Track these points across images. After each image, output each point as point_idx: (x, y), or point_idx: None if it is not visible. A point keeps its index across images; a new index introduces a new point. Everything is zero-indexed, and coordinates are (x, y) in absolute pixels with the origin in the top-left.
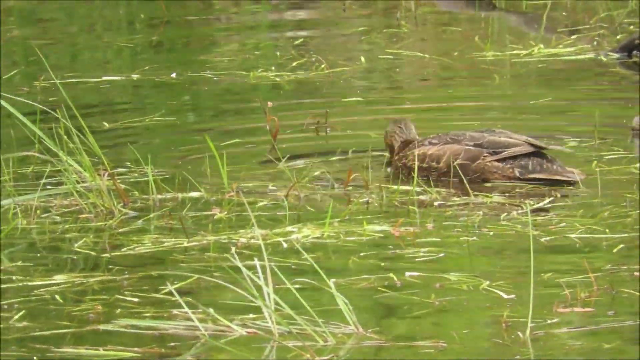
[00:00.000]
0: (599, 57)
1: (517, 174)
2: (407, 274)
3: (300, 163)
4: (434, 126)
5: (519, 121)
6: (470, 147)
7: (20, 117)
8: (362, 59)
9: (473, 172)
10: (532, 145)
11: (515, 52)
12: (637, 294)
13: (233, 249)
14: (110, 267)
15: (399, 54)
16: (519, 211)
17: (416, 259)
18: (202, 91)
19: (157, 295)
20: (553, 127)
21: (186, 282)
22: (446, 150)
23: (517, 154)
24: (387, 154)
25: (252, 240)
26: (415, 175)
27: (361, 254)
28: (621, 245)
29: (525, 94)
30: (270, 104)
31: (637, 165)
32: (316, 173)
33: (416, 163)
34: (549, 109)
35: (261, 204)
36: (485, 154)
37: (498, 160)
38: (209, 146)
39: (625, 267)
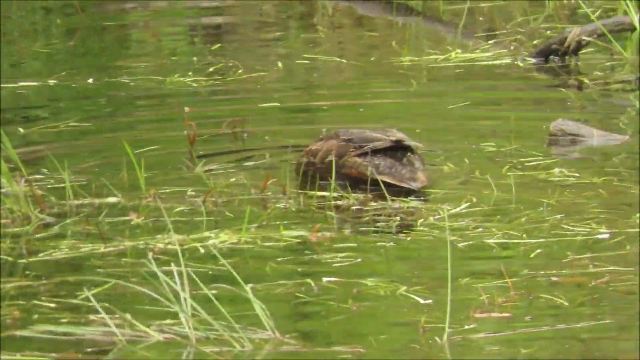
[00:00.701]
0: (516, 62)
1: (369, 173)
2: (325, 279)
3: (218, 168)
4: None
5: (437, 125)
6: (343, 143)
7: None
8: (279, 64)
9: (339, 167)
10: (396, 141)
11: (432, 57)
12: (554, 298)
13: (150, 255)
14: (27, 272)
15: (316, 59)
16: (436, 216)
17: (333, 264)
18: (119, 96)
19: (74, 301)
20: (471, 131)
21: (103, 288)
22: (324, 146)
23: (378, 148)
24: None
25: (169, 246)
26: (300, 173)
27: (278, 260)
28: (538, 250)
29: (443, 98)
30: (187, 109)
31: (555, 170)
32: (233, 179)
33: (305, 159)
34: (466, 113)
35: (178, 209)
36: (352, 150)
37: (359, 156)
38: (126, 152)
39: (542, 272)
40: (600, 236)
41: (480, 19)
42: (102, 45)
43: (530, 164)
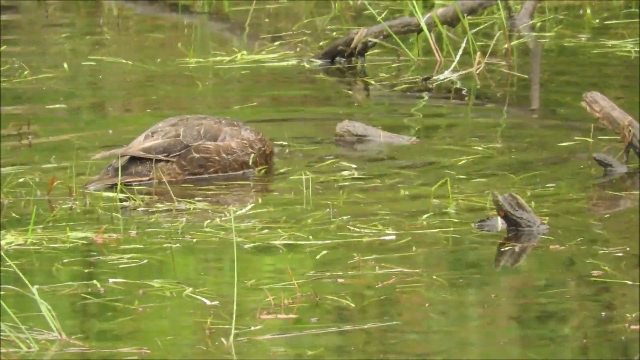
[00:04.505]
0: (302, 64)
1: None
2: (111, 280)
3: (4, 169)
4: (137, 133)
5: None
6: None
7: None
8: (65, 65)
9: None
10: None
11: (218, 58)
12: (340, 300)
13: None
14: None
15: (101, 61)
16: (222, 217)
17: (119, 266)
18: None
19: None
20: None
21: None
22: None
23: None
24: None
25: None
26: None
27: (65, 261)
28: (324, 252)
29: (229, 99)
30: None
31: (341, 171)
32: (21, 180)
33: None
34: (253, 114)
35: None
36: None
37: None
38: None
39: (328, 274)
40: (386, 237)
41: (266, 20)
42: None
43: (317, 165)
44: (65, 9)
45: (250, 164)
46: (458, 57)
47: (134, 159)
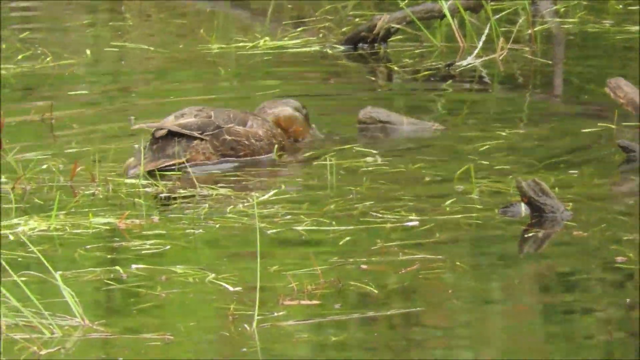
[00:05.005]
0: (325, 50)
1: None
2: (133, 266)
3: (27, 156)
4: (160, 118)
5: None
6: None
7: None
8: (88, 51)
9: None
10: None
11: (240, 44)
12: (363, 286)
13: None
14: None
15: (124, 47)
16: (245, 203)
17: (142, 252)
18: None
19: None
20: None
21: None
22: None
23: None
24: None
25: None
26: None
27: (87, 247)
28: (347, 238)
29: (252, 86)
30: None
31: (365, 157)
32: (44, 166)
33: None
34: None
35: None
36: None
37: None
38: None
39: (351, 260)
40: (409, 224)
41: (289, 6)
42: None
43: (340, 151)
44: None
45: (275, 153)
46: (481, 43)
47: (167, 140)
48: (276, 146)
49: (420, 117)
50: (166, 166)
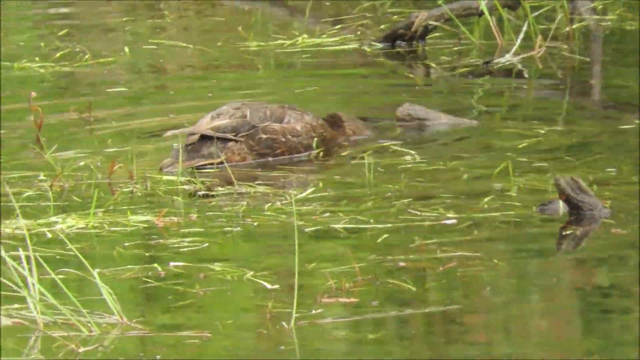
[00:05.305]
0: (363, 47)
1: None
2: (171, 264)
3: (66, 153)
4: (199, 116)
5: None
6: None
7: None
8: (126, 49)
9: None
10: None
11: (279, 42)
12: (401, 284)
13: None
14: None
15: (162, 44)
16: (283, 201)
17: (180, 249)
18: None
19: None
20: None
21: None
22: None
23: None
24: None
25: (17, 231)
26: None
27: (125, 244)
28: (385, 235)
29: (290, 83)
30: (33, 93)
31: (403, 155)
32: (82, 164)
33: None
34: (314, 98)
35: (26, 194)
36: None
37: None
38: None
39: (389, 258)
40: (447, 221)
41: (327, 4)
42: None
43: (378, 148)
44: None
45: (314, 147)
46: (519, 40)
47: (203, 141)
48: (315, 139)
49: (458, 114)
50: (200, 166)
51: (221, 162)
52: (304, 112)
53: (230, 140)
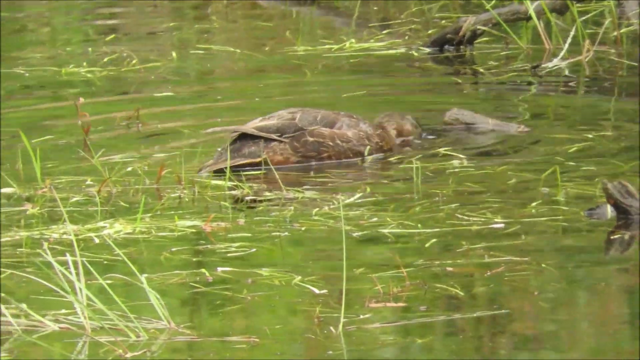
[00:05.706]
0: (410, 52)
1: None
2: (219, 269)
3: (113, 158)
4: (246, 121)
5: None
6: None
7: None
8: (174, 54)
9: None
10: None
11: (326, 46)
12: (449, 288)
13: (45, 245)
14: None
15: (210, 49)
16: (331, 206)
17: (228, 254)
18: (14, 87)
19: None
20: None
21: None
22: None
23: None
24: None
25: (64, 236)
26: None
27: (173, 249)
28: (433, 240)
29: (338, 87)
30: (81, 99)
31: (451, 160)
32: (129, 168)
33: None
34: (362, 102)
35: (74, 199)
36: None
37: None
38: (22, 142)
39: (437, 262)
40: (495, 226)
41: (375, 8)
42: None
43: (426, 153)
44: None
45: (366, 155)
46: (567, 44)
47: (246, 140)
48: (368, 147)
49: (506, 119)
50: (240, 165)
51: (261, 162)
52: (360, 120)
53: (274, 140)
